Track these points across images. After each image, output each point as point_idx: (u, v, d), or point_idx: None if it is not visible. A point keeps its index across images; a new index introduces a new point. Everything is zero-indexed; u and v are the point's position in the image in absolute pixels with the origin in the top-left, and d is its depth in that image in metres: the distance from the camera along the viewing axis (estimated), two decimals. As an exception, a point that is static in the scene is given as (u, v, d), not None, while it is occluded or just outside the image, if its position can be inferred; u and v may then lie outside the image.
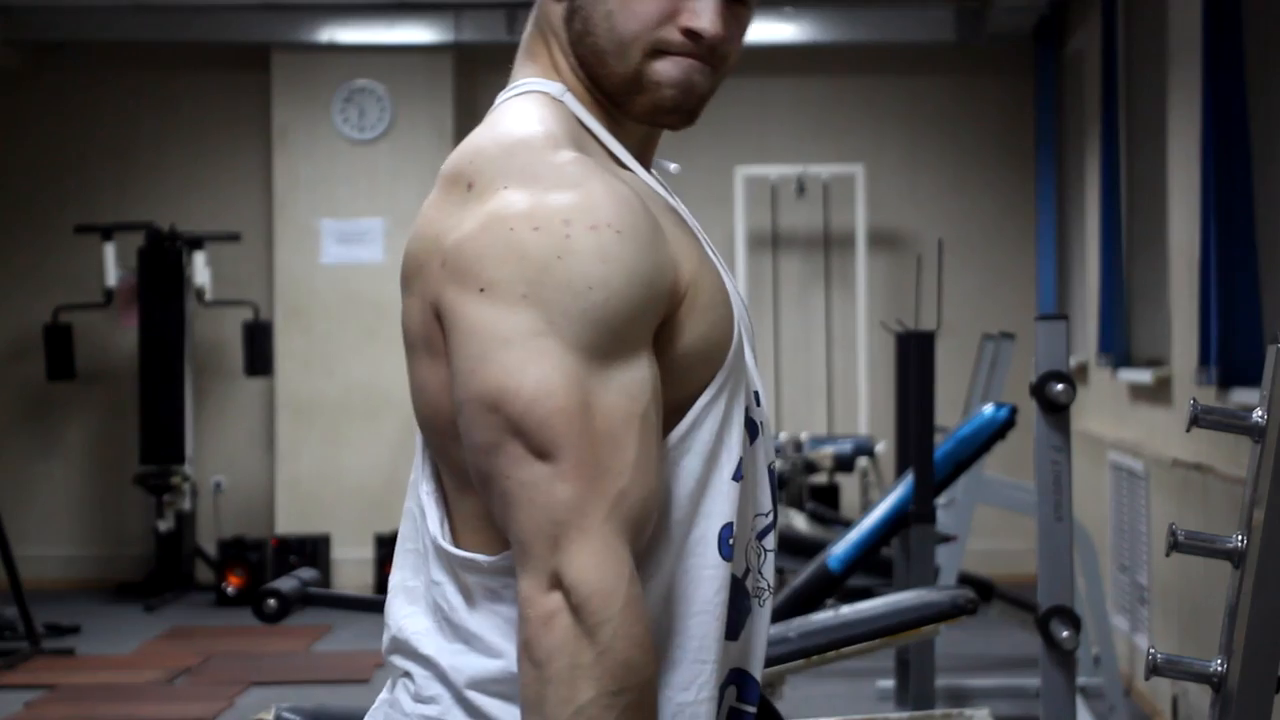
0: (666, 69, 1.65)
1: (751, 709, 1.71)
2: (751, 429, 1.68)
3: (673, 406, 1.61)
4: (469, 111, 9.69)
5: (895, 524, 5.28)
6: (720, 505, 1.63)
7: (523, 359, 1.52)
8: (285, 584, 3.55)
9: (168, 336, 9.19)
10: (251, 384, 9.59)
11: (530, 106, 1.66)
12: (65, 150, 9.72)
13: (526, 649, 1.53)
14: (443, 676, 1.64)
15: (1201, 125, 5.22)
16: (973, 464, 5.77)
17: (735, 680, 1.70)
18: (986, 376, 6.96)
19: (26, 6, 9.12)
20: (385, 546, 9.12)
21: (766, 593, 1.72)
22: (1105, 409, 7.60)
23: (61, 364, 9.23)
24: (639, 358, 1.56)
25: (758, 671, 1.72)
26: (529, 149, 1.60)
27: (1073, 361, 7.98)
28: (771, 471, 1.74)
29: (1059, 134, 8.84)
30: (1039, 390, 2.94)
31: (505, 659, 1.60)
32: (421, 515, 1.67)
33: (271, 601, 3.51)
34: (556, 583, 1.51)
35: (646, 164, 1.73)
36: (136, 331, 9.23)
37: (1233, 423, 1.79)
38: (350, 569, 9.31)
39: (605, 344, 1.54)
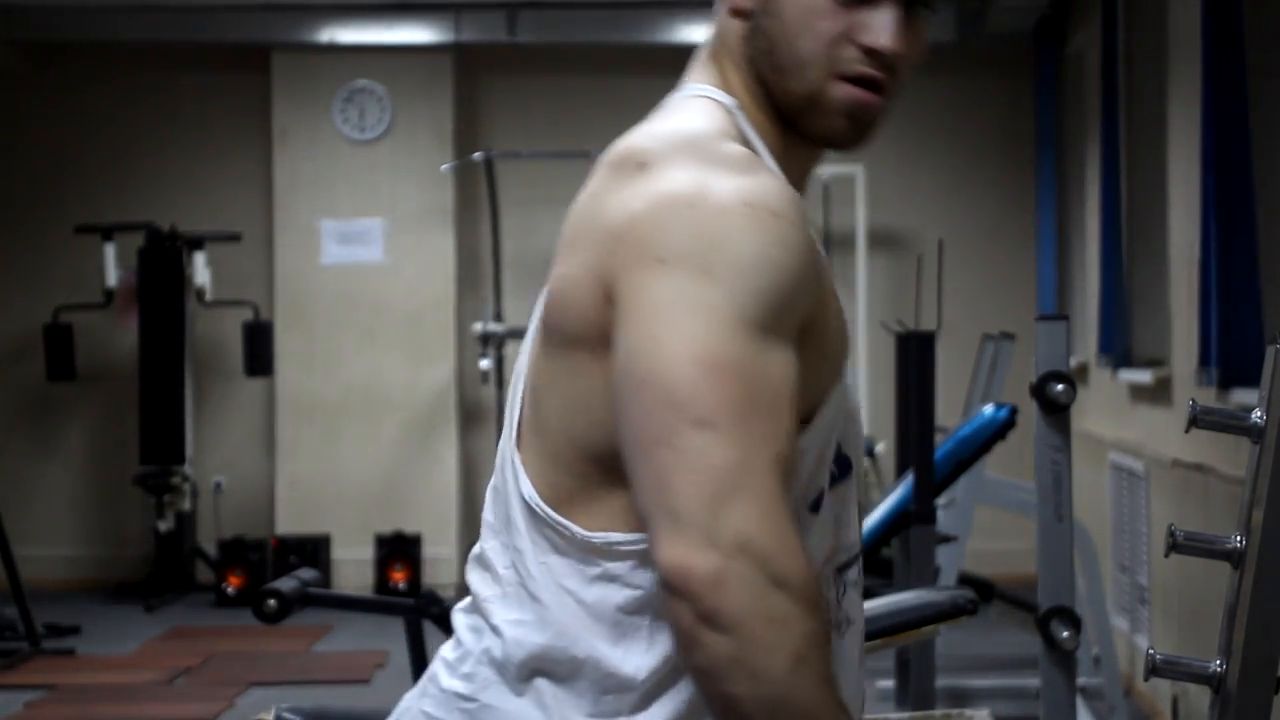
0: (842, 97, 1.67)
1: None
2: (843, 464, 1.70)
3: None
4: (469, 111, 9.69)
5: (895, 524, 5.28)
6: (808, 539, 1.63)
7: (693, 330, 1.52)
8: (285, 584, 3.55)
9: (168, 336, 9.19)
10: (251, 384, 9.59)
11: (702, 107, 1.68)
12: (65, 150, 9.72)
13: (709, 621, 1.49)
14: (500, 646, 1.64)
15: (1201, 125, 5.22)
16: (973, 464, 5.77)
17: None
18: (986, 376, 6.96)
19: (27, 6, 9.12)
20: (385, 546, 9.12)
21: (849, 625, 1.72)
22: (1105, 409, 7.60)
23: (61, 364, 9.23)
24: (791, 349, 1.57)
25: (853, 705, 1.70)
26: (704, 138, 1.62)
27: (1073, 362, 7.98)
28: (861, 506, 1.75)
29: (1059, 134, 8.84)
30: (1039, 390, 2.94)
31: (566, 639, 1.61)
32: (515, 479, 1.66)
33: (271, 602, 3.50)
34: (724, 545, 1.49)
35: (802, 192, 1.75)
36: (136, 331, 9.23)
37: (1232, 423, 1.79)
38: (350, 569, 9.31)
39: (772, 324, 1.55)
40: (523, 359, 1.71)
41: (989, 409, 5.75)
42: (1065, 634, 2.99)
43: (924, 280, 8.74)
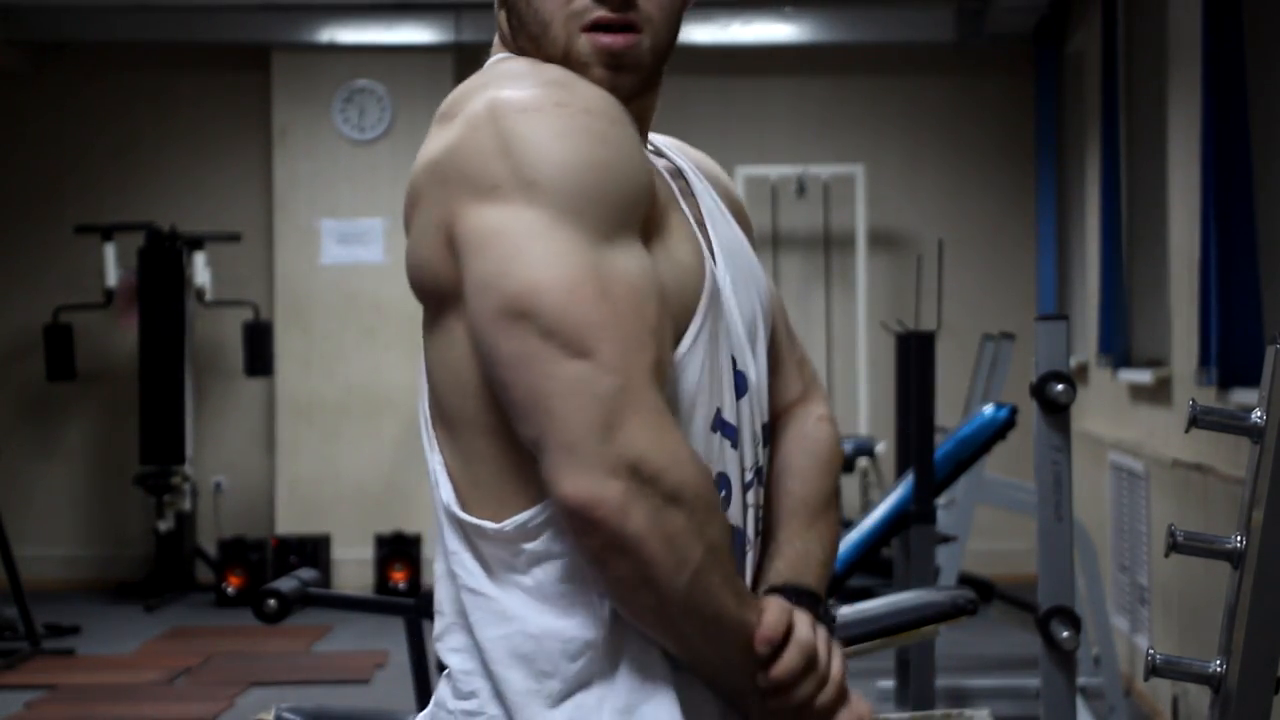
0: (588, 47, 1.66)
1: None
2: (741, 382, 1.71)
3: None
4: (469, 111, 9.69)
5: (895, 524, 5.28)
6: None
7: (542, 254, 1.53)
8: (285, 584, 3.55)
9: (168, 336, 9.19)
10: (251, 384, 9.59)
11: (509, 61, 1.70)
12: (65, 150, 9.72)
13: (609, 546, 1.54)
14: (475, 651, 1.66)
15: (1201, 125, 5.22)
16: (973, 464, 5.77)
17: None
18: (986, 376, 6.96)
19: (27, 6, 9.12)
20: (385, 546, 9.12)
21: (748, 544, 1.74)
22: (1105, 409, 7.60)
23: (61, 364, 9.23)
24: (640, 245, 1.59)
25: None
26: (512, 69, 1.65)
27: (1073, 361, 7.98)
28: (765, 429, 1.77)
29: (1059, 134, 8.84)
30: (1039, 390, 2.94)
31: (518, 623, 1.63)
32: (436, 486, 1.68)
33: (271, 601, 3.50)
34: (618, 469, 1.51)
35: (643, 139, 1.75)
36: (136, 331, 9.23)
37: (1232, 423, 1.79)
38: (350, 569, 9.31)
39: (614, 223, 1.56)
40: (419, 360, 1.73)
41: (989, 409, 5.75)
42: (1065, 634, 2.99)
43: (924, 280, 8.74)
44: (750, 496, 1.73)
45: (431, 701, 1.72)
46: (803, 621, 1.63)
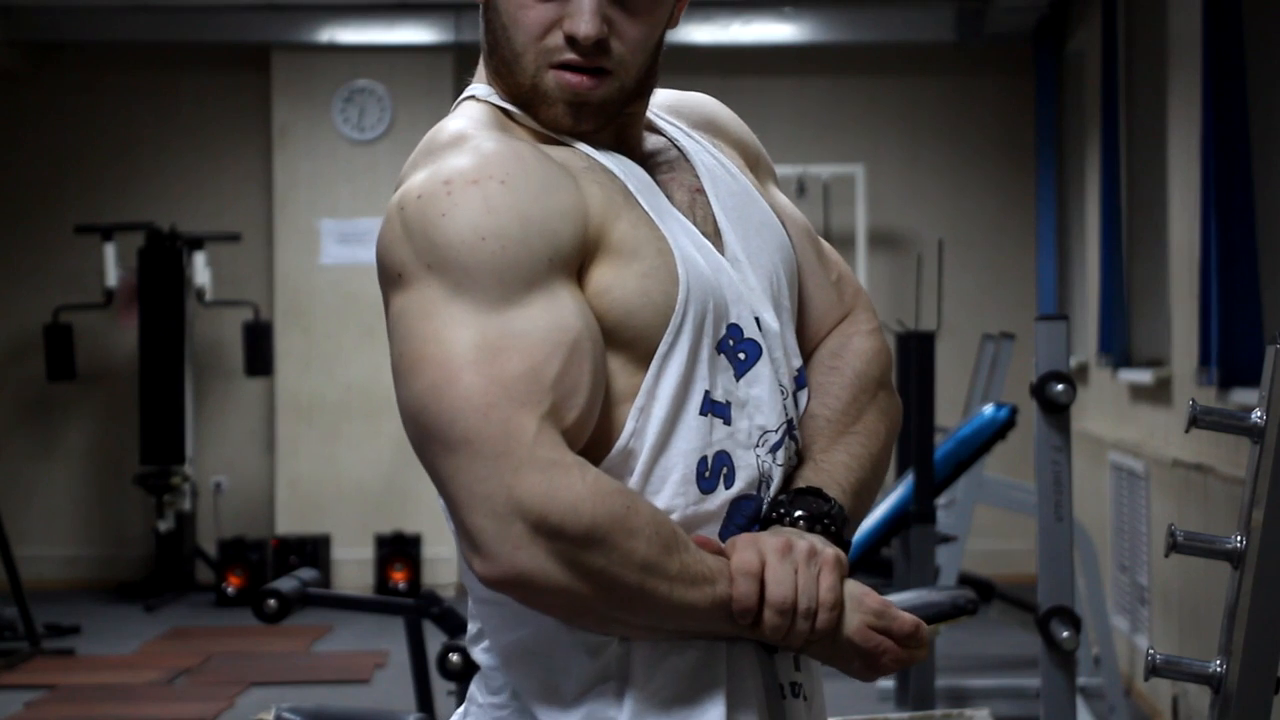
0: (554, 84, 1.69)
1: None
2: (751, 350, 1.71)
3: (632, 357, 1.65)
4: (469, 111, 9.68)
5: (895, 524, 5.28)
6: (691, 442, 1.67)
7: (433, 334, 1.59)
8: (285, 584, 3.55)
9: (168, 336, 9.19)
10: (251, 384, 9.59)
11: (452, 119, 1.73)
12: (65, 150, 9.72)
13: (547, 604, 1.60)
14: (492, 653, 1.71)
15: (1201, 125, 5.22)
16: (973, 464, 5.77)
17: None
18: (986, 376, 6.96)
19: (27, 6, 9.12)
20: (385, 546, 9.12)
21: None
22: (1105, 409, 7.60)
23: (61, 364, 9.23)
24: (557, 295, 1.61)
25: None
26: (431, 141, 1.70)
27: (1073, 361, 7.97)
28: (798, 379, 1.77)
29: (1059, 134, 8.84)
30: (1039, 390, 2.94)
31: (531, 625, 1.66)
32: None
33: (271, 601, 3.50)
34: (519, 539, 1.56)
35: (633, 143, 1.76)
36: (136, 331, 9.23)
37: (1232, 423, 1.79)
38: (350, 569, 9.31)
39: (514, 289, 1.59)
40: None
41: (989, 409, 5.75)
42: (1065, 634, 2.99)
43: (924, 280, 8.74)
44: (780, 455, 1.73)
45: (466, 697, 1.76)
46: (774, 569, 1.62)
